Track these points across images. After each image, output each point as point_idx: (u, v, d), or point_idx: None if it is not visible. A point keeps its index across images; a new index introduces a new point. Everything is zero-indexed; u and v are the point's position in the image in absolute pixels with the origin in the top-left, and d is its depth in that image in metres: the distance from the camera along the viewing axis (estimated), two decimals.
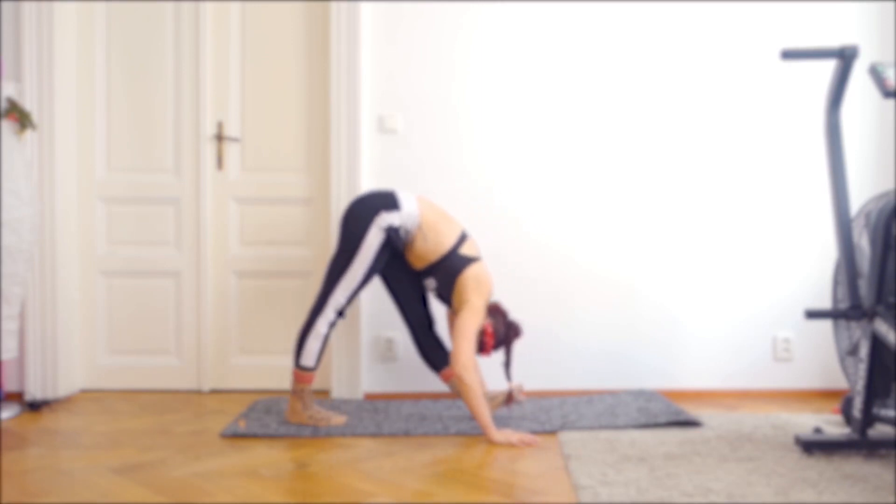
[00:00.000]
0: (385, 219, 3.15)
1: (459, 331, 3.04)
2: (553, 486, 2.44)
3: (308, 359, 3.18)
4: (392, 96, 3.78)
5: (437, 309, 3.57)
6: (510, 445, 2.90)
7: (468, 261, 3.18)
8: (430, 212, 3.23)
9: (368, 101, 3.78)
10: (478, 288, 3.13)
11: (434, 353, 3.37)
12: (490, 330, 3.14)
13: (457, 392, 3.35)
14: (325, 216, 3.85)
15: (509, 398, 3.24)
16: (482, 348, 3.16)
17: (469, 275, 3.15)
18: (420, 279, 3.34)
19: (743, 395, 3.74)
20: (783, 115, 3.77)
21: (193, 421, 3.31)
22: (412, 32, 3.78)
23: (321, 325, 3.17)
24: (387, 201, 3.18)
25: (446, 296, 3.22)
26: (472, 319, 3.06)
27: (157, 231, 3.90)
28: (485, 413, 2.96)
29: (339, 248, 3.19)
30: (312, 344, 3.18)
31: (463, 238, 3.23)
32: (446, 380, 3.37)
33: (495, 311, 3.20)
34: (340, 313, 3.19)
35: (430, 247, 3.19)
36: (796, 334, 3.77)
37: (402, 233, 3.18)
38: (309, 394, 3.20)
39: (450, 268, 3.17)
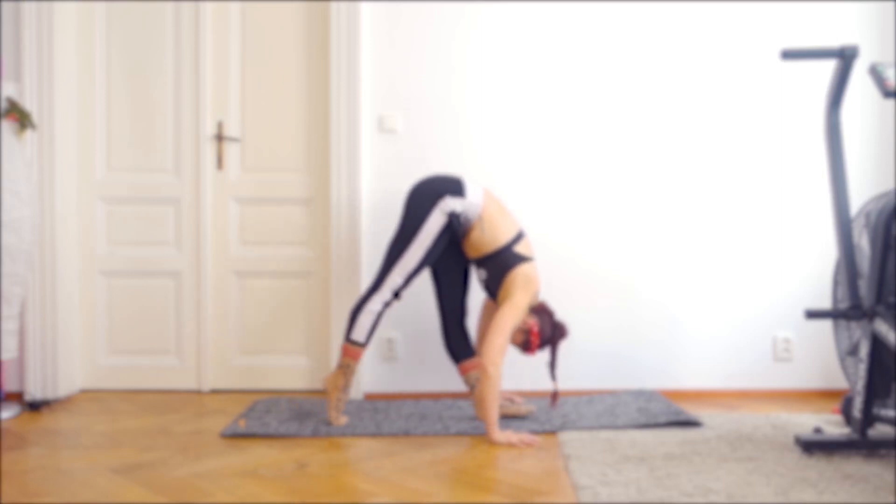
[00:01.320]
0: (449, 204, 3.17)
1: (497, 324, 3.04)
2: (553, 486, 2.44)
3: (359, 334, 3.19)
4: (392, 96, 3.78)
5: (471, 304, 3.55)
6: (511, 446, 2.91)
7: (521, 259, 3.18)
8: (492, 205, 3.24)
9: (368, 101, 3.78)
10: (525, 286, 3.13)
11: (458, 344, 3.37)
12: (536, 329, 3.14)
13: (471, 388, 3.33)
14: (325, 216, 3.85)
15: (554, 397, 3.21)
16: (527, 347, 3.16)
17: (519, 272, 3.15)
18: (468, 270, 3.36)
19: (743, 395, 3.74)
20: (783, 115, 3.77)
21: (193, 421, 3.31)
22: (412, 32, 3.78)
23: (375, 303, 3.18)
24: (453, 187, 3.21)
25: (493, 289, 3.22)
26: (512, 316, 3.06)
27: (157, 231, 3.90)
28: (495, 411, 2.97)
29: (400, 228, 3.20)
30: (364, 319, 3.18)
31: (519, 237, 3.23)
32: (464, 373, 3.35)
33: (542, 311, 3.19)
34: (397, 294, 3.20)
35: (487, 239, 3.19)
36: (796, 334, 3.77)
37: (462, 219, 3.20)
38: (353, 373, 3.21)
39: (502, 263, 3.18)
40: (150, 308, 3.89)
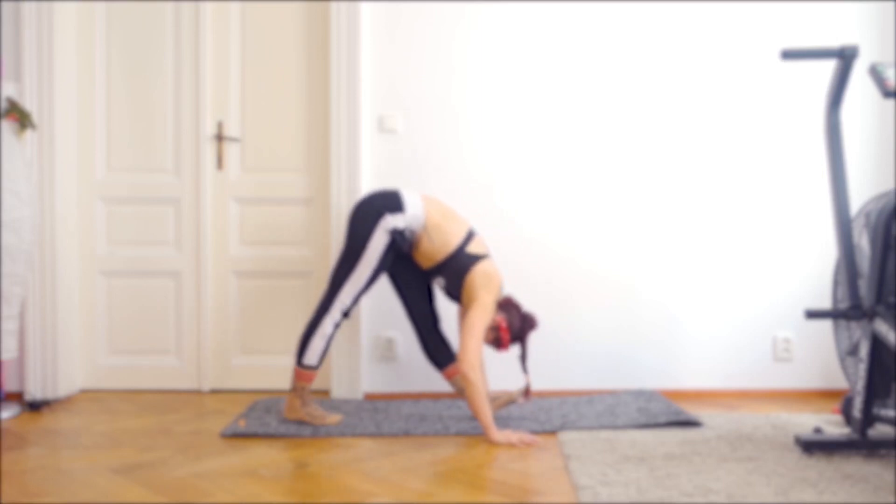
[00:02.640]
0: (390, 221, 3.15)
1: (467, 328, 3.03)
2: (553, 486, 2.44)
3: (311, 358, 3.18)
4: (392, 96, 3.78)
5: (446, 307, 3.55)
6: (510, 445, 2.90)
7: (475, 259, 3.17)
8: (435, 211, 3.22)
9: (368, 101, 3.78)
10: (487, 285, 3.12)
11: (438, 351, 3.37)
12: (504, 325, 3.12)
13: (459, 390, 3.35)
14: (325, 216, 3.85)
15: (526, 392, 3.20)
16: (499, 344, 3.15)
17: (477, 272, 3.14)
18: (427, 278, 3.34)
19: (743, 395, 3.74)
20: (783, 115, 3.77)
21: (193, 421, 3.31)
22: (412, 32, 3.78)
23: (327, 326, 3.18)
24: (391, 203, 3.17)
25: (456, 294, 3.22)
26: (481, 318, 3.05)
27: (157, 231, 3.90)
28: (487, 413, 2.96)
29: (345, 250, 3.19)
30: (317, 343, 3.18)
31: (469, 236, 3.22)
32: (449, 378, 3.37)
33: (508, 305, 3.17)
34: (346, 314, 3.20)
35: (437, 247, 3.18)
36: (796, 334, 3.77)
37: (407, 234, 3.19)
38: (308, 392, 3.21)
39: (457, 267, 3.17)
40: (150, 308, 3.89)
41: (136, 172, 3.90)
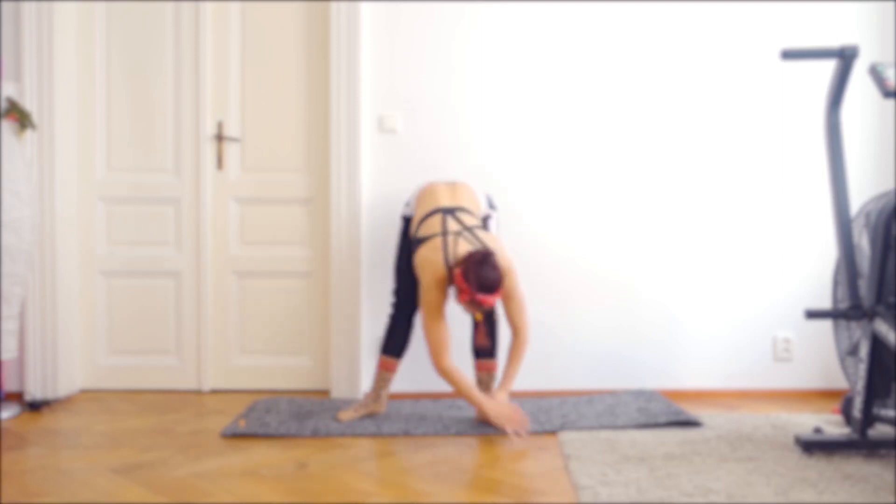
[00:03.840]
0: (402, 209, 3.41)
1: (425, 335, 3.06)
2: (553, 486, 2.44)
3: (382, 343, 3.33)
4: (392, 96, 3.78)
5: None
6: (498, 423, 2.98)
7: (417, 243, 3.13)
8: (424, 203, 3.23)
9: (368, 101, 3.78)
10: (422, 273, 3.05)
11: (479, 343, 3.35)
12: (459, 273, 2.88)
13: (485, 386, 3.31)
14: (325, 216, 3.85)
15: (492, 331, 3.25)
16: (462, 293, 2.88)
17: (414, 260, 3.13)
18: None
19: (743, 395, 3.74)
20: (783, 115, 3.77)
21: (193, 421, 3.31)
22: (412, 32, 3.78)
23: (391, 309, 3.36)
24: (409, 195, 3.43)
25: None
26: (426, 319, 3.05)
27: (157, 231, 3.89)
28: (473, 391, 3.04)
29: None
30: (386, 328, 3.33)
31: (424, 218, 3.16)
32: (476, 371, 3.35)
33: (464, 258, 2.91)
34: (393, 298, 3.33)
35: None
36: (796, 334, 3.77)
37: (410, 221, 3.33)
38: (380, 382, 3.30)
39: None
40: (150, 308, 3.89)
41: (136, 172, 3.90)
